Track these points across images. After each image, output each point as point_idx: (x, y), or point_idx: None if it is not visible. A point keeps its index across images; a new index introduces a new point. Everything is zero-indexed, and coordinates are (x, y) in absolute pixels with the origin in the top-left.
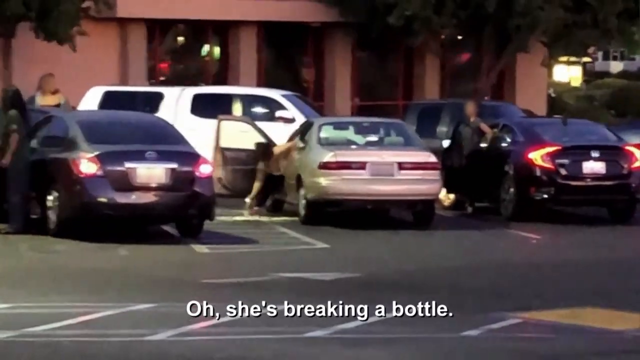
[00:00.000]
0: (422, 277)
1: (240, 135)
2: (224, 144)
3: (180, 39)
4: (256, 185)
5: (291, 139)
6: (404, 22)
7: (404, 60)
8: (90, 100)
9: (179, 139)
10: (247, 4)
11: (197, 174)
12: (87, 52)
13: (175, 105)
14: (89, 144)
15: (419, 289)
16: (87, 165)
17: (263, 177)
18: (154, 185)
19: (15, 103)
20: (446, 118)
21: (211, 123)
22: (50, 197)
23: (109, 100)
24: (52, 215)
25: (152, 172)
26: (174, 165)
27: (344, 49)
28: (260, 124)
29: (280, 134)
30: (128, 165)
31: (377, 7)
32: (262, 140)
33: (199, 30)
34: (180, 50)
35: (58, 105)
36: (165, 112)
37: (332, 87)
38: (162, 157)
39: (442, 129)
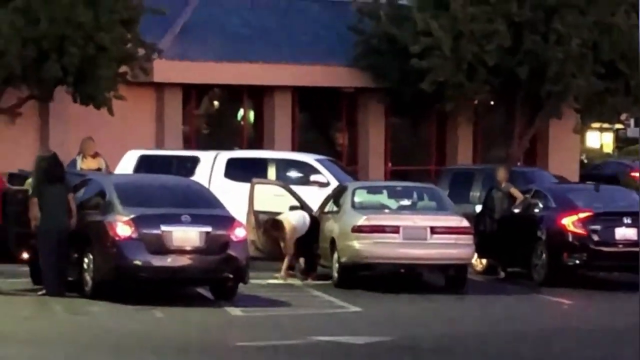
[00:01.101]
0: (453, 341)
1: (274, 198)
2: (257, 207)
3: (216, 103)
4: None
5: (323, 204)
6: (436, 87)
7: (436, 125)
8: (127, 164)
9: (214, 202)
10: (282, 69)
11: (231, 237)
12: (124, 116)
13: (210, 169)
14: (125, 207)
15: (450, 354)
16: (122, 228)
17: (292, 246)
18: (188, 248)
19: (50, 169)
20: (479, 183)
21: (245, 187)
22: (86, 260)
23: (145, 164)
24: (88, 277)
25: (187, 235)
26: (209, 229)
27: (376, 113)
28: (295, 188)
29: (314, 197)
30: (163, 228)
31: (410, 72)
32: (296, 204)
33: (234, 94)
34: (215, 114)
35: (99, 169)
36: (200, 175)
37: (365, 151)
38: (197, 220)
39: (474, 194)
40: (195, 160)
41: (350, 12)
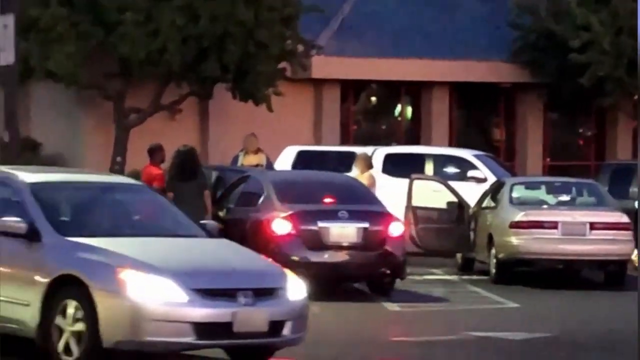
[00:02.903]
0: (612, 338)
1: (432, 194)
2: (416, 202)
3: (373, 99)
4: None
5: (480, 199)
6: (595, 82)
7: (595, 120)
8: (285, 160)
9: (371, 198)
10: (439, 65)
11: (388, 233)
12: (282, 112)
13: None
14: (282, 204)
15: (610, 351)
16: (280, 224)
17: None
18: (346, 244)
19: (182, 165)
20: None
21: (402, 182)
22: None
23: (303, 160)
24: None
25: (344, 232)
26: (366, 225)
27: (534, 109)
28: (452, 184)
29: (472, 193)
30: (320, 224)
31: (569, 67)
32: (454, 199)
33: (392, 90)
34: (372, 110)
35: (259, 165)
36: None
37: (523, 147)
38: (355, 216)
39: (634, 189)
40: (352, 156)
41: (507, 7)
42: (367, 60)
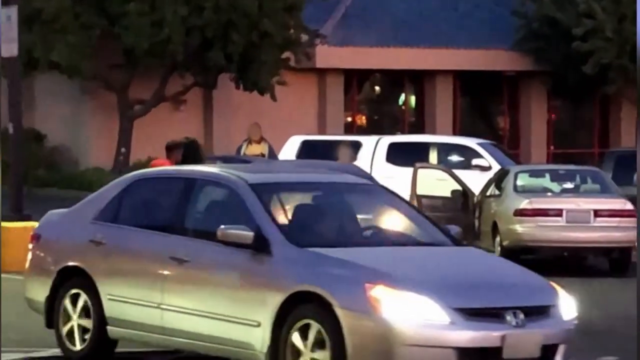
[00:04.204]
0: (616, 324)
1: (436, 183)
2: (420, 191)
3: (377, 88)
4: None
5: (485, 187)
6: (599, 70)
7: (599, 107)
8: (289, 150)
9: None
10: (443, 53)
11: None
12: (286, 102)
13: (372, 153)
14: None
15: (614, 336)
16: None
17: None
18: None
19: (187, 158)
20: None
21: (406, 171)
22: None
23: (307, 150)
24: None
25: None
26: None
27: (538, 97)
28: (457, 172)
29: (476, 182)
30: None
31: (572, 55)
32: (458, 188)
33: (395, 79)
34: (376, 99)
35: (262, 155)
36: (362, 160)
37: (527, 135)
38: None
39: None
40: (357, 145)
41: None
42: (371, 49)
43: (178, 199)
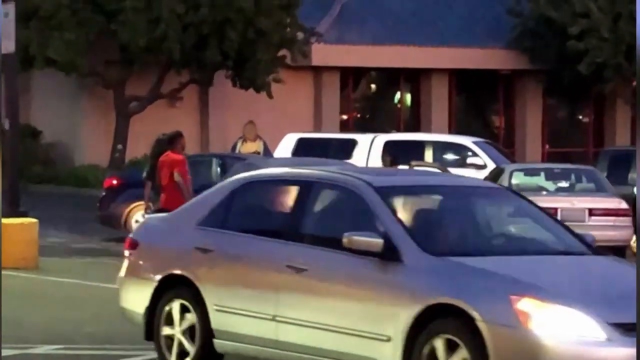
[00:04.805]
0: None
1: None
2: None
3: (373, 86)
4: None
5: None
6: (594, 69)
7: (594, 106)
8: (285, 147)
9: None
10: (439, 52)
11: None
12: (282, 100)
13: (368, 151)
14: None
15: None
16: None
17: None
18: None
19: (158, 153)
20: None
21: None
22: None
23: (303, 147)
24: None
25: None
26: None
27: (534, 95)
28: (452, 171)
29: None
30: None
31: (567, 54)
32: None
33: (391, 77)
34: (372, 97)
35: (257, 152)
36: (357, 158)
37: (522, 133)
38: None
39: (633, 175)
40: (352, 143)
41: None
42: (366, 47)
43: (293, 203)
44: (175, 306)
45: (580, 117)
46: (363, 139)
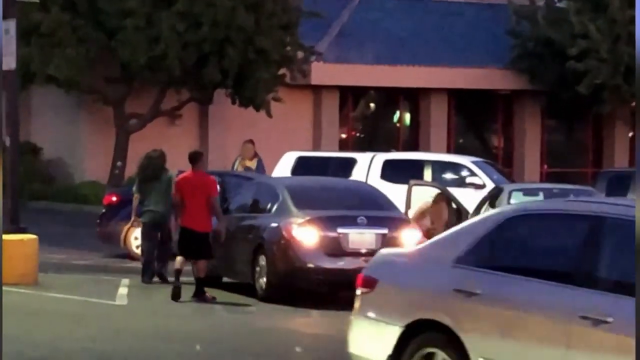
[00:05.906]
0: None
1: (431, 200)
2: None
3: (372, 105)
4: None
5: (478, 206)
6: (593, 90)
7: (593, 127)
8: (284, 166)
9: (387, 204)
10: (438, 72)
11: (406, 239)
12: (281, 118)
13: (367, 170)
14: (299, 210)
15: None
16: (298, 230)
17: None
18: (364, 250)
19: (144, 168)
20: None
21: (401, 188)
22: (261, 262)
23: (302, 166)
24: (261, 280)
25: (363, 238)
26: (385, 231)
27: (532, 116)
28: (451, 190)
29: (470, 199)
30: (340, 230)
31: (567, 75)
32: (452, 206)
33: (390, 97)
34: (371, 116)
35: (250, 169)
36: (356, 177)
37: (521, 153)
38: (374, 222)
39: (632, 197)
40: (352, 162)
41: (506, 14)
42: (366, 66)
43: (582, 241)
44: (425, 356)
45: (579, 137)
46: (362, 158)
